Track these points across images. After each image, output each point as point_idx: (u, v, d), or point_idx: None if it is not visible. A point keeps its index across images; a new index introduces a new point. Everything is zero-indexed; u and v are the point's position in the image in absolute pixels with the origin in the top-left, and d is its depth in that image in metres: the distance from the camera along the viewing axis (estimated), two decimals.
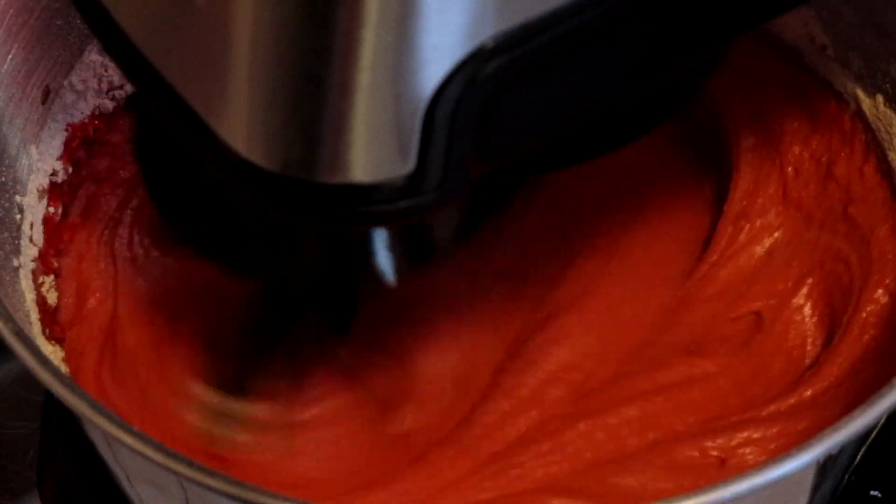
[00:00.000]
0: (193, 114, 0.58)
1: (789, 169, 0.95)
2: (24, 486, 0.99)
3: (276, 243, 0.79)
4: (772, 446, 0.82)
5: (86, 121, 0.95)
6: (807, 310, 0.89)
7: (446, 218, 0.85)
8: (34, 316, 0.86)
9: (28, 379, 1.02)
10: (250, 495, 0.64)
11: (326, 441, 0.85)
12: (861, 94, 0.96)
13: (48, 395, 1.02)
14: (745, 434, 0.81)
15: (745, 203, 0.93)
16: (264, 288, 0.91)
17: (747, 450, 0.81)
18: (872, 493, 0.95)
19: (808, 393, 0.84)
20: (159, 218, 0.93)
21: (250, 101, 0.54)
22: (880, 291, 0.86)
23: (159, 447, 0.66)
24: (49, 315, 0.88)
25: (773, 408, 0.84)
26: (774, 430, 0.83)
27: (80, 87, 0.94)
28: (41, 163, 0.90)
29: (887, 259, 0.89)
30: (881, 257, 0.89)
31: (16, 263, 0.86)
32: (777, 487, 0.65)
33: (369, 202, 0.56)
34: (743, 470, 0.65)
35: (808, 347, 0.88)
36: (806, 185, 0.94)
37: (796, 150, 0.96)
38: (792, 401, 0.84)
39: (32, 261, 0.88)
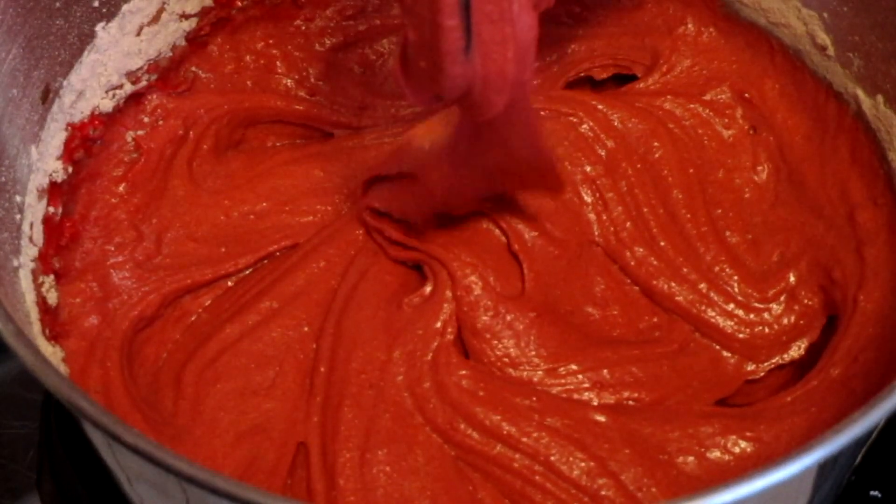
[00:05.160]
0: None
1: None
2: (24, 486, 0.99)
3: None
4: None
5: (85, 120, 0.95)
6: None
7: None
8: (34, 316, 0.85)
9: (28, 379, 1.02)
10: (251, 495, 0.64)
11: None
12: (861, 94, 0.96)
13: (48, 395, 1.02)
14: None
15: None
16: None
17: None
18: (872, 493, 0.95)
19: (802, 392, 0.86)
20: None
21: None
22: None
23: (160, 448, 0.66)
24: (49, 315, 0.88)
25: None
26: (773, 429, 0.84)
27: (79, 86, 0.94)
28: (41, 163, 0.90)
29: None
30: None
31: (15, 263, 0.85)
32: (778, 488, 0.65)
33: None
34: None
35: None
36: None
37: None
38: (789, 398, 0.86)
39: (32, 261, 0.88)
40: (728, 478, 0.64)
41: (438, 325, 0.90)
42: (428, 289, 0.93)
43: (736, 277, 0.95)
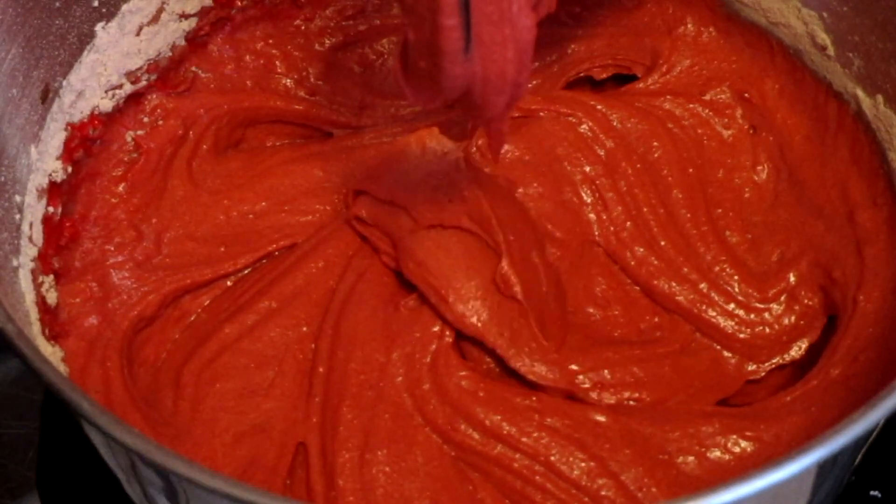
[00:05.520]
0: None
1: None
2: (24, 486, 1.00)
3: None
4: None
5: (85, 120, 0.95)
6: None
7: None
8: (34, 316, 0.85)
9: (28, 379, 1.03)
10: (251, 495, 0.64)
11: None
12: (861, 94, 0.96)
13: (48, 395, 1.02)
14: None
15: None
16: None
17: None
18: (872, 493, 0.95)
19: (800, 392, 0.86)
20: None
21: None
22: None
23: (160, 448, 0.66)
24: (49, 315, 0.88)
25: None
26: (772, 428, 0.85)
27: (79, 86, 0.94)
28: (40, 162, 0.90)
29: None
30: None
31: (15, 263, 0.85)
32: (778, 488, 0.65)
33: None
34: None
35: None
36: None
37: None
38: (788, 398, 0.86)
39: (32, 261, 0.88)
40: (728, 478, 0.64)
41: (436, 328, 0.90)
42: None
43: (736, 277, 0.95)
